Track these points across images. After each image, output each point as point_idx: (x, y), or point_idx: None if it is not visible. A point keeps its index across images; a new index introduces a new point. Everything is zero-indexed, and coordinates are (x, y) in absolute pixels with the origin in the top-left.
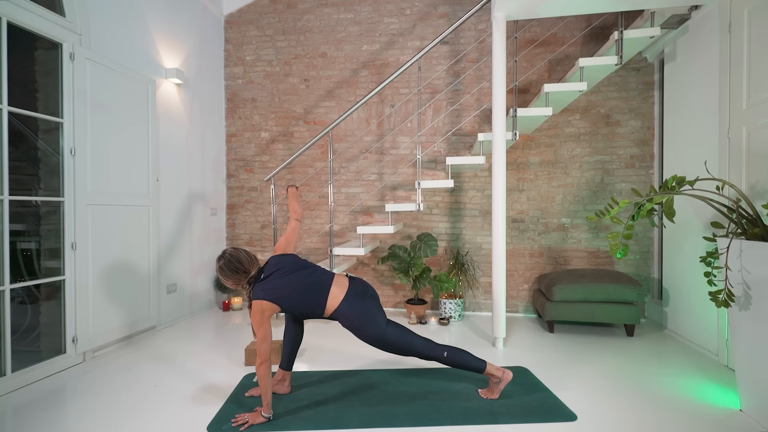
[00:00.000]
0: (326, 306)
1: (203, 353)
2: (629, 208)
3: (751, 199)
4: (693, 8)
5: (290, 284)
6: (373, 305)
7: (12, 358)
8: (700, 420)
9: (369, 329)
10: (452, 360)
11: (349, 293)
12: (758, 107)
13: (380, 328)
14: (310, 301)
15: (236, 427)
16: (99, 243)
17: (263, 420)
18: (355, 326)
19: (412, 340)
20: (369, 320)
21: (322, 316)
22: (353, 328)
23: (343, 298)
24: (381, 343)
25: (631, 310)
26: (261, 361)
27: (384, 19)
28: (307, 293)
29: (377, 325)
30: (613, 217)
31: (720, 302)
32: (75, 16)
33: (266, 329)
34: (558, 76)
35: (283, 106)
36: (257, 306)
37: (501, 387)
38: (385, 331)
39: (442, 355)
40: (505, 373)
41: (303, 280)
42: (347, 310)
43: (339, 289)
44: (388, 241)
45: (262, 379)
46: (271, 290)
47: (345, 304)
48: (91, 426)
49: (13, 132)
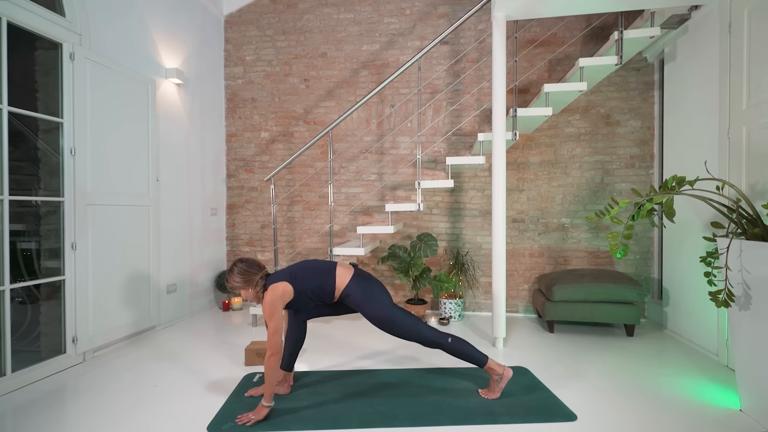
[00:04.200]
0: (336, 283)
1: (203, 353)
2: (629, 208)
3: (751, 199)
4: (693, 8)
5: (301, 266)
6: (379, 287)
7: (12, 358)
8: (700, 420)
9: (377, 306)
10: (455, 347)
11: (356, 275)
12: (758, 107)
13: (387, 306)
14: (321, 281)
15: (236, 426)
16: (99, 243)
17: (266, 411)
18: (363, 303)
19: (417, 323)
20: (376, 297)
21: (332, 296)
22: (361, 304)
23: (351, 277)
24: (387, 321)
25: (631, 310)
26: (271, 353)
27: (384, 19)
28: (316, 274)
29: (384, 303)
30: (613, 217)
31: (720, 302)
32: (75, 16)
33: (278, 320)
34: (558, 76)
35: (283, 106)
36: (271, 291)
37: (502, 385)
38: (391, 310)
39: (446, 341)
40: (506, 370)
41: (311, 265)
42: (355, 288)
43: (346, 271)
44: (388, 241)
45: (269, 370)
46: (284, 272)
47: (353, 283)
48: (91, 426)
49: (13, 132)
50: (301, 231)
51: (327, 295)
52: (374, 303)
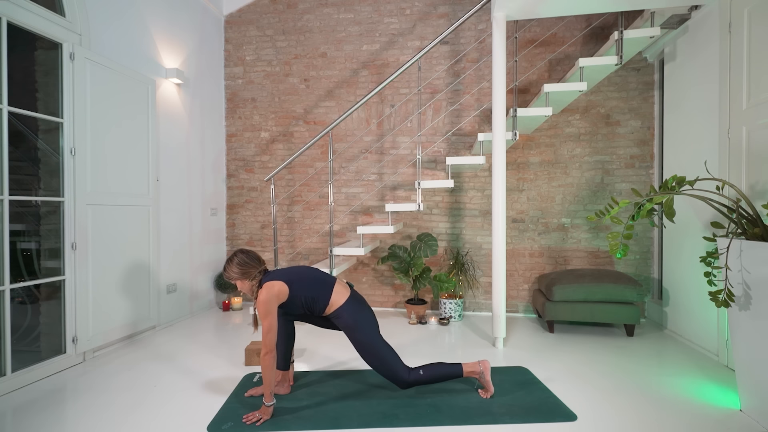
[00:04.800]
0: (330, 300)
1: (203, 353)
2: (629, 208)
3: (751, 199)
4: (693, 8)
5: (300, 271)
6: (370, 314)
7: (12, 358)
8: (700, 420)
9: (364, 332)
10: (429, 375)
11: (352, 297)
12: (758, 107)
13: (374, 335)
14: (316, 293)
15: (236, 426)
16: (99, 243)
17: (270, 410)
18: (352, 326)
19: (397, 362)
20: (366, 324)
21: (323, 311)
22: (350, 328)
23: (347, 299)
24: (370, 348)
25: (631, 310)
26: (266, 351)
27: (384, 19)
28: (314, 284)
29: (372, 331)
30: (613, 217)
31: (720, 302)
32: (75, 16)
33: (272, 319)
34: (558, 76)
35: (283, 106)
36: (266, 289)
37: (488, 378)
38: (377, 340)
39: (419, 375)
40: (482, 363)
41: (310, 273)
42: (349, 310)
43: (343, 289)
44: (388, 241)
45: (266, 369)
46: (282, 273)
47: (347, 305)
48: (91, 426)
49: (13, 132)
50: (301, 231)
51: (318, 308)
52: (362, 330)
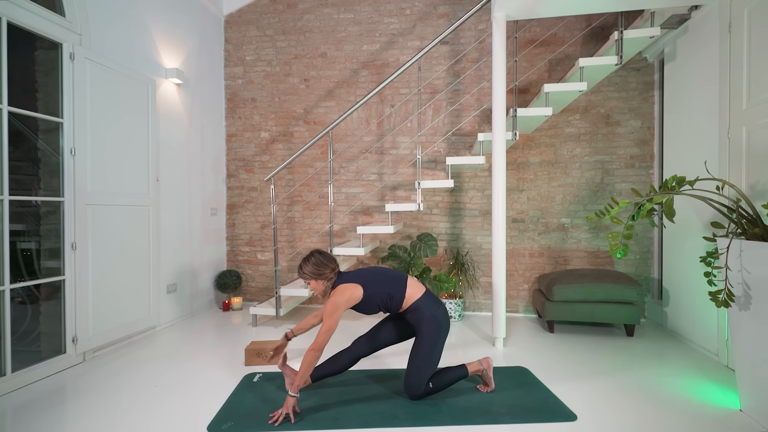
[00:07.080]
0: (406, 294)
1: (203, 353)
2: (629, 208)
3: (751, 199)
4: (693, 8)
5: (373, 271)
6: (447, 318)
7: (12, 358)
8: (700, 420)
9: (436, 330)
10: (440, 383)
11: (428, 293)
12: (758, 107)
13: (441, 338)
14: (391, 289)
15: (236, 426)
16: (99, 243)
17: (293, 401)
18: (429, 319)
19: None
20: (440, 323)
21: (399, 306)
22: (426, 320)
23: (424, 294)
24: (428, 348)
25: (631, 310)
26: (314, 348)
27: (384, 19)
28: (388, 281)
29: (441, 333)
30: (613, 217)
31: (720, 302)
32: (75, 16)
33: (334, 321)
34: (558, 76)
35: (283, 106)
36: (339, 292)
37: (490, 374)
38: (439, 343)
39: (429, 388)
40: (485, 361)
41: (383, 272)
42: (427, 302)
43: (418, 284)
44: (388, 241)
45: (305, 364)
46: (357, 275)
47: (425, 298)
48: (91, 426)
49: (13, 132)
50: (301, 231)
51: (395, 305)
52: (437, 325)
